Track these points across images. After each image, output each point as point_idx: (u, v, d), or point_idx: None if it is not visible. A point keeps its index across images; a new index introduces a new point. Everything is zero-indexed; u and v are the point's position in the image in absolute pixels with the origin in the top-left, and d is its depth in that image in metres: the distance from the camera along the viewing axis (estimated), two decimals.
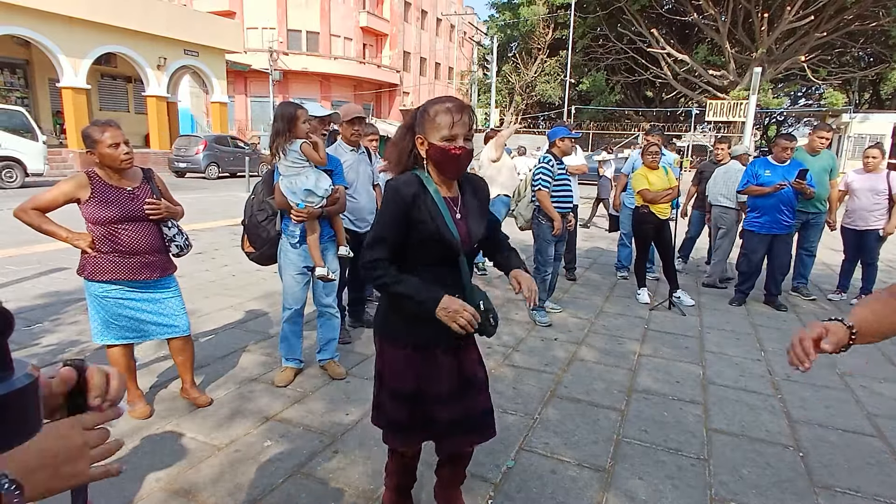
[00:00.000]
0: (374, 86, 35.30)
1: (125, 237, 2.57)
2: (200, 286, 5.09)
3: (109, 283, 2.60)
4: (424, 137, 1.69)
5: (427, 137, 1.68)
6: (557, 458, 2.56)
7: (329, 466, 2.43)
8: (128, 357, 2.79)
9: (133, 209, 2.58)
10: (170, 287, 2.80)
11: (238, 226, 8.67)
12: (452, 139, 1.66)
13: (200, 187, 14.89)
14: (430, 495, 2.16)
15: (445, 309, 1.61)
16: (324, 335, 3.41)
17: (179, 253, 2.79)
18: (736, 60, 23.82)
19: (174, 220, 2.77)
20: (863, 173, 5.33)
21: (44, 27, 16.91)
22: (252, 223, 3.22)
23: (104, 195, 2.52)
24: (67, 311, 4.41)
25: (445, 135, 1.65)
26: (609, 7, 24.76)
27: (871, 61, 27.14)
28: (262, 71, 28.55)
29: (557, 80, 29.73)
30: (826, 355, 1.15)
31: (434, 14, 40.78)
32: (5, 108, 13.66)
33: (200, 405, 2.92)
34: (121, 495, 2.18)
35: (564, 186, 4.59)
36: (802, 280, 5.67)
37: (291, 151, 2.96)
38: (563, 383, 3.41)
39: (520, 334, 4.30)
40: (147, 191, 2.65)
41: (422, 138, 1.70)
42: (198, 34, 21.36)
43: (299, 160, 2.98)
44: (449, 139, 1.66)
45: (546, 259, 4.56)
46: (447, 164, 1.69)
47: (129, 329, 2.71)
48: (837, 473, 2.52)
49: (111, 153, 2.48)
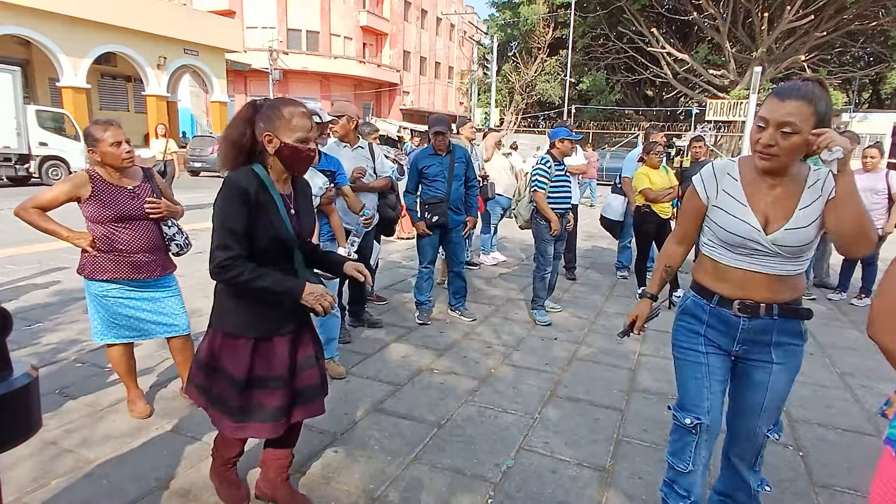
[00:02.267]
0: (374, 85, 35.29)
1: (125, 236, 2.57)
2: (200, 285, 5.08)
3: (109, 283, 2.60)
4: (275, 135, 1.77)
5: (279, 136, 1.76)
6: (557, 457, 2.56)
7: (329, 466, 2.43)
8: (128, 356, 2.79)
9: (133, 208, 2.58)
10: (170, 286, 2.80)
11: None
12: (306, 141, 1.79)
13: (201, 187, 14.87)
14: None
15: (312, 294, 1.76)
16: (324, 335, 3.40)
17: (179, 252, 2.79)
18: (736, 60, 23.79)
19: (174, 220, 2.77)
20: (862, 173, 5.32)
21: (44, 27, 16.92)
22: None
23: (104, 194, 2.52)
24: (67, 311, 4.41)
25: (301, 136, 1.78)
26: (609, 6, 24.72)
27: (871, 61, 27.14)
28: (262, 70, 28.56)
29: (557, 79, 29.71)
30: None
31: (434, 13, 40.78)
32: (51, 110, 14.88)
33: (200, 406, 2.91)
34: (121, 495, 2.18)
35: (563, 187, 4.58)
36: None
37: None
38: (563, 383, 3.40)
39: (520, 334, 4.30)
40: (147, 190, 2.65)
41: (271, 136, 1.77)
42: (198, 33, 21.37)
43: None
44: (303, 141, 1.79)
45: (546, 258, 4.57)
46: (298, 164, 1.84)
47: (129, 328, 2.71)
48: (837, 473, 2.52)
49: (113, 152, 2.49)
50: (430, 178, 4.25)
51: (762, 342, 1.74)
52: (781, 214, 1.62)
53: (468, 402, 3.08)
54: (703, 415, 1.79)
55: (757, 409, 1.80)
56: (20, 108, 13.17)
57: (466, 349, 3.91)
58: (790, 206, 1.62)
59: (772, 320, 1.70)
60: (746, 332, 1.73)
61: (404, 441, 2.64)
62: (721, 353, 1.81)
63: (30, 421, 0.77)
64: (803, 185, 1.63)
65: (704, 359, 1.80)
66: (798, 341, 1.76)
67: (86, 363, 3.44)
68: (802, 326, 1.76)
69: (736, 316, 1.72)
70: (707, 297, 1.78)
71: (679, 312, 1.89)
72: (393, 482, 2.31)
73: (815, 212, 1.61)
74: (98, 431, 2.65)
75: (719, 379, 1.81)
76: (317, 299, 1.76)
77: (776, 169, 1.60)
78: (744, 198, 1.66)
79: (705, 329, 1.80)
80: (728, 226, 1.67)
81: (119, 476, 2.30)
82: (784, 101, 1.51)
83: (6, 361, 0.74)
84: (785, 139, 1.51)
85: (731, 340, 1.77)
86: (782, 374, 1.76)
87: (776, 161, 1.56)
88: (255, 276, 1.73)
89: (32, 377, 0.77)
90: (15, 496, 2.14)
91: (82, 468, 2.35)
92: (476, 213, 4.84)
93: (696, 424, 1.79)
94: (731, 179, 1.71)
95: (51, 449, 2.48)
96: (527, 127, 31.64)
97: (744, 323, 1.72)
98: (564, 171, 4.61)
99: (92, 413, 2.83)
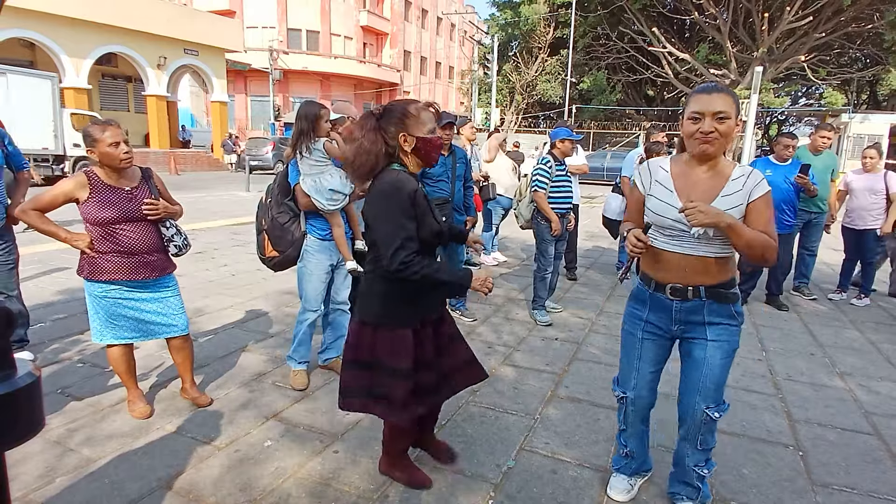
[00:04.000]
0: (374, 85, 35.29)
1: (123, 237, 2.57)
2: (200, 286, 5.09)
3: (109, 283, 2.60)
4: (409, 133, 1.90)
5: (413, 133, 1.90)
6: (558, 457, 2.56)
7: (329, 466, 2.43)
8: (128, 357, 2.79)
9: (131, 209, 2.57)
10: (169, 286, 2.80)
11: (238, 226, 8.70)
12: (434, 131, 1.95)
13: (202, 187, 14.89)
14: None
15: (478, 279, 1.95)
16: (334, 333, 3.41)
17: (178, 253, 2.79)
18: (737, 59, 23.79)
19: (172, 220, 2.77)
20: (861, 173, 5.35)
21: (48, 29, 17.01)
22: (275, 226, 3.10)
23: (103, 195, 2.53)
24: (69, 311, 4.42)
25: (430, 128, 1.93)
26: (610, 6, 24.71)
27: (868, 63, 27.15)
28: (262, 70, 28.56)
29: (558, 79, 29.70)
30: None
31: (434, 13, 40.77)
32: (84, 113, 15.86)
33: (200, 405, 2.92)
34: (121, 495, 2.18)
35: (565, 187, 4.58)
36: (804, 280, 5.67)
37: (315, 150, 2.97)
38: (563, 383, 3.41)
39: (520, 333, 4.30)
40: (145, 191, 2.65)
41: (405, 134, 1.90)
42: (198, 33, 21.39)
43: (322, 159, 3.00)
44: (433, 131, 1.94)
45: (547, 259, 4.57)
46: (434, 153, 1.97)
47: (129, 329, 2.71)
48: (835, 471, 2.53)
49: (111, 152, 2.49)
50: (434, 179, 4.23)
51: (696, 322, 1.96)
52: (704, 200, 1.82)
53: (469, 403, 3.09)
54: (628, 390, 2.15)
55: (695, 385, 1.98)
56: (57, 112, 14.14)
57: None
58: (713, 192, 1.86)
59: (700, 301, 1.92)
60: (679, 313, 1.96)
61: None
62: (658, 338, 2.05)
63: (33, 420, 0.77)
64: (728, 176, 1.87)
65: (639, 343, 2.08)
66: (731, 322, 1.94)
67: (87, 363, 3.45)
68: (735, 308, 1.94)
69: (669, 299, 1.96)
70: (647, 284, 2.03)
71: (628, 298, 2.16)
72: (393, 482, 2.32)
73: (735, 201, 1.83)
74: (100, 431, 2.66)
75: (650, 361, 2.09)
76: (483, 283, 1.96)
77: (715, 153, 1.83)
78: (672, 185, 1.92)
79: (647, 314, 2.05)
80: (657, 209, 1.92)
81: (121, 475, 2.31)
82: (712, 95, 1.79)
83: (9, 361, 0.75)
84: (721, 124, 1.78)
85: (670, 321, 2.00)
86: (716, 350, 1.94)
87: (716, 144, 1.80)
88: (433, 269, 1.87)
89: (35, 376, 0.78)
90: (22, 492, 2.16)
91: (85, 467, 2.36)
92: (475, 213, 4.84)
93: (623, 397, 2.18)
94: (663, 172, 1.97)
95: (54, 448, 2.49)
96: (527, 127, 31.63)
97: (676, 305, 1.96)
98: (566, 172, 4.62)
99: (94, 413, 2.84)
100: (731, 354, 1.96)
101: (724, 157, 1.90)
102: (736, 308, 1.94)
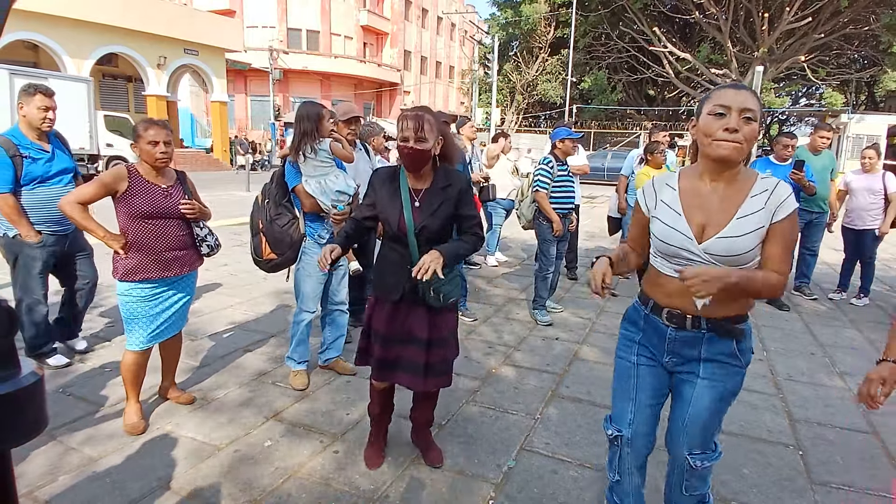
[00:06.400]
0: (374, 85, 35.29)
1: (156, 233, 2.63)
2: (200, 286, 5.08)
3: (143, 283, 2.63)
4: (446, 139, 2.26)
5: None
6: (559, 458, 2.57)
7: (329, 466, 2.44)
8: (143, 366, 2.77)
9: (166, 207, 2.64)
10: (191, 283, 2.88)
11: (238, 226, 8.69)
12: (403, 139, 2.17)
13: (201, 187, 14.94)
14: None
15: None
16: (332, 333, 3.41)
17: (210, 252, 2.88)
18: (738, 59, 23.77)
19: (204, 221, 2.85)
20: (861, 173, 5.37)
21: (50, 30, 17.10)
22: (274, 228, 3.04)
23: (140, 190, 2.59)
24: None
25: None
26: (611, 5, 24.71)
27: (866, 64, 27.16)
28: (262, 70, 28.54)
29: (559, 78, 29.70)
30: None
31: (435, 13, 40.77)
32: (117, 115, 17.06)
33: (183, 403, 2.94)
34: (122, 494, 2.19)
35: (566, 187, 4.58)
36: (805, 279, 5.67)
37: (321, 151, 2.97)
38: (564, 383, 3.41)
39: (521, 333, 4.30)
40: (180, 191, 2.73)
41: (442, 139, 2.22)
42: (198, 33, 21.39)
43: (328, 159, 2.99)
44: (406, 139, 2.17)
45: (548, 259, 4.57)
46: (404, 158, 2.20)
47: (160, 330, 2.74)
48: (834, 470, 2.54)
49: (149, 150, 2.57)
50: None
51: (689, 357, 1.68)
52: (718, 222, 1.56)
53: (469, 402, 3.09)
54: (623, 427, 1.77)
55: (679, 427, 1.71)
56: (92, 113, 14.90)
57: (468, 349, 3.91)
58: (728, 214, 1.56)
59: (699, 334, 1.64)
60: (673, 343, 1.68)
61: (405, 441, 2.64)
62: (655, 365, 1.75)
63: (37, 419, 0.78)
64: (747, 192, 1.57)
65: (634, 370, 1.77)
66: (731, 361, 1.65)
67: (88, 363, 3.46)
68: (739, 346, 1.65)
69: (664, 324, 1.68)
70: (644, 304, 1.76)
71: (622, 320, 1.88)
72: (393, 482, 2.32)
73: (754, 223, 1.54)
74: (101, 431, 2.67)
75: (649, 393, 1.75)
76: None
77: (736, 158, 1.52)
78: (679, 207, 1.63)
79: (640, 336, 1.77)
80: (662, 234, 1.64)
81: (121, 475, 2.32)
82: (740, 91, 1.51)
83: (14, 360, 0.75)
84: (747, 125, 1.49)
85: (662, 350, 1.71)
86: (706, 390, 1.66)
87: (738, 149, 1.50)
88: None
89: (39, 376, 0.79)
90: (27, 489, 2.18)
91: (87, 466, 2.37)
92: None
93: (617, 437, 1.79)
94: (669, 189, 1.68)
95: (57, 447, 2.50)
96: (528, 127, 31.63)
97: (671, 333, 1.67)
98: (567, 172, 4.62)
99: (96, 412, 2.84)
100: (725, 398, 1.67)
101: (743, 167, 1.61)
102: (741, 346, 1.65)
